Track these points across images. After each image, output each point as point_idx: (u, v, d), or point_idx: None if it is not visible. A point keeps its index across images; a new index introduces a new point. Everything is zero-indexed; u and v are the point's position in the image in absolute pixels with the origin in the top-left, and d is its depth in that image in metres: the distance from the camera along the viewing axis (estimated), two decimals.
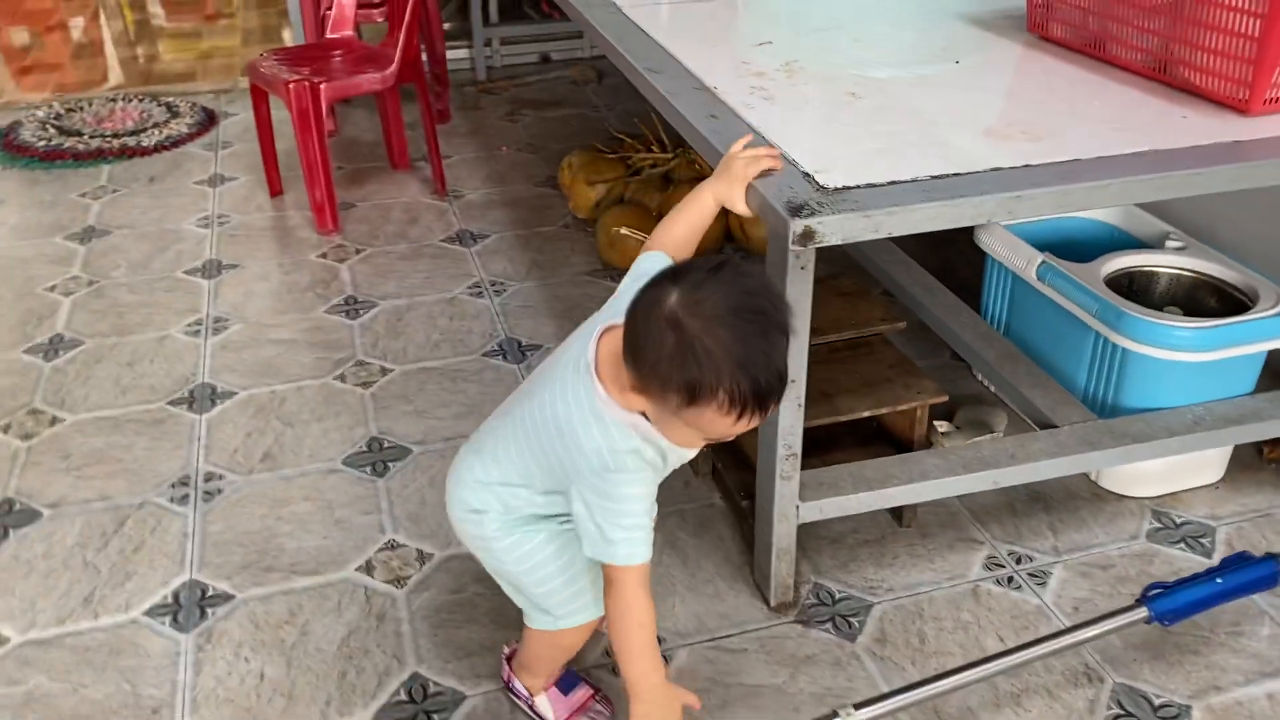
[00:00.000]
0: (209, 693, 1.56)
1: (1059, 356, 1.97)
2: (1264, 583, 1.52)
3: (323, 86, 2.82)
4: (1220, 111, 1.60)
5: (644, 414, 1.18)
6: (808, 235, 1.28)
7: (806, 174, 1.39)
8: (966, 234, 2.06)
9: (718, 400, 1.09)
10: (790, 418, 1.52)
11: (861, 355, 1.91)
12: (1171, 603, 1.48)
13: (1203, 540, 1.83)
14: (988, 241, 2.08)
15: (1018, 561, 1.79)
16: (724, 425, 1.13)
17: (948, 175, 1.39)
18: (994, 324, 2.16)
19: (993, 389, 2.15)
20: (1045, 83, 1.75)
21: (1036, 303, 2.00)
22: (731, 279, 1.09)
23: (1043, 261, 1.94)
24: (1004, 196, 1.34)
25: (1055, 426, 1.79)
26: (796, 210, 1.29)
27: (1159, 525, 1.86)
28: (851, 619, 1.68)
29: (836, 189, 1.35)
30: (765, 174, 1.38)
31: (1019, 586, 1.74)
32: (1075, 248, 2.06)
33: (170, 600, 1.73)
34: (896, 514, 1.87)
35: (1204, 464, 1.93)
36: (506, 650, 1.55)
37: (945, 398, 1.80)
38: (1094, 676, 1.58)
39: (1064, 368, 1.96)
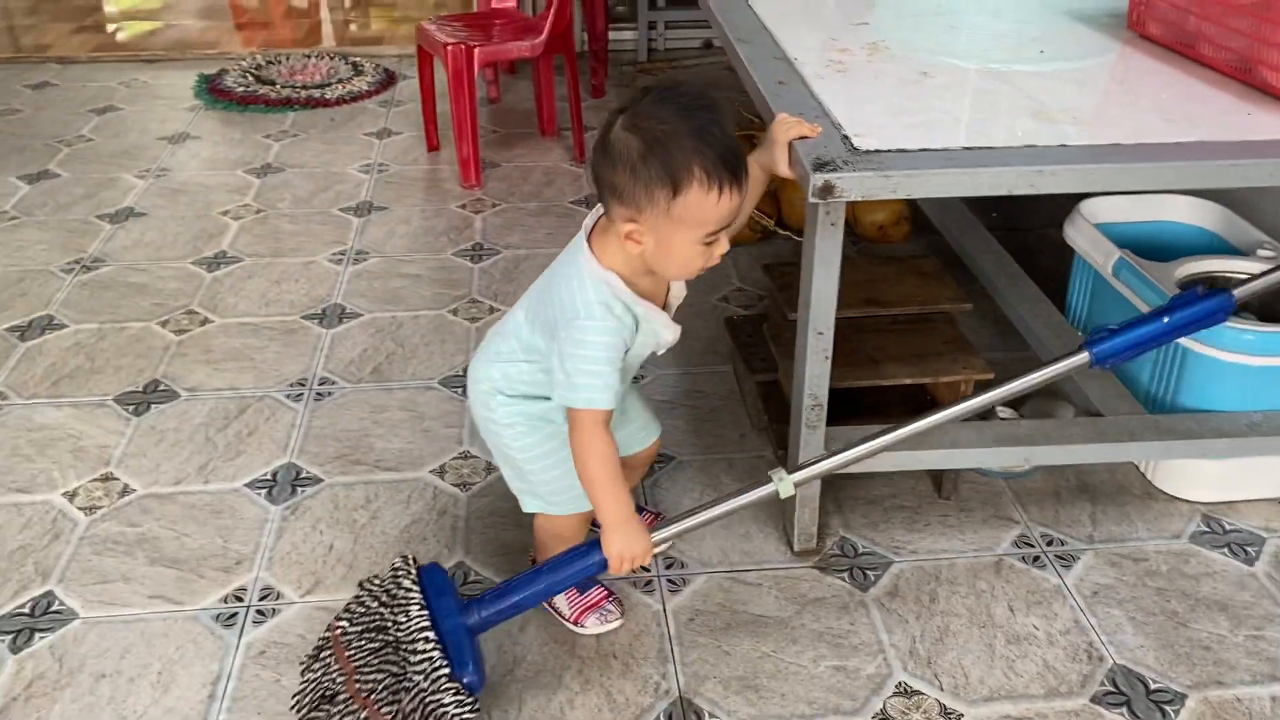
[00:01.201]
0: (284, 555, 1.79)
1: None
2: (1213, 317, 1.49)
3: (476, 50, 3.06)
4: None
5: (636, 265, 1.35)
6: (827, 189, 1.38)
7: (845, 137, 1.49)
8: None
9: (696, 178, 1.25)
10: (816, 368, 1.61)
11: (921, 330, 1.97)
12: (1112, 345, 1.48)
13: (1249, 549, 1.81)
14: (1072, 236, 2.10)
15: (1049, 543, 1.82)
16: (711, 205, 1.27)
17: (978, 148, 1.45)
18: (1075, 320, 2.17)
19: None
20: (1122, 75, 1.77)
21: (1113, 300, 2.01)
22: (662, 91, 1.30)
23: (1119, 257, 1.95)
24: (1025, 170, 1.40)
25: (1101, 416, 1.81)
26: (821, 166, 1.39)
27: (1206, 529, 1.85)
28: (869, 571, 1.76)
29: (867, 151, 1.44)
30: (802, 139, 1.48)
31: (1043, 566, 1.78)
32: (1168, 251, 2.05)
33: (269, 477, 1.97)
34: (937, 484, 1.93)
35: (1271, 475, 1.90)
36: (532, 554, 1.72)
37: (990, 375, 1.85)
38: (1094, 655, 1.61)
39: (1129, 366, 1.96)
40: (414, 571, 1.46)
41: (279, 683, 1.55)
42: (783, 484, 1.47)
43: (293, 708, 1.44)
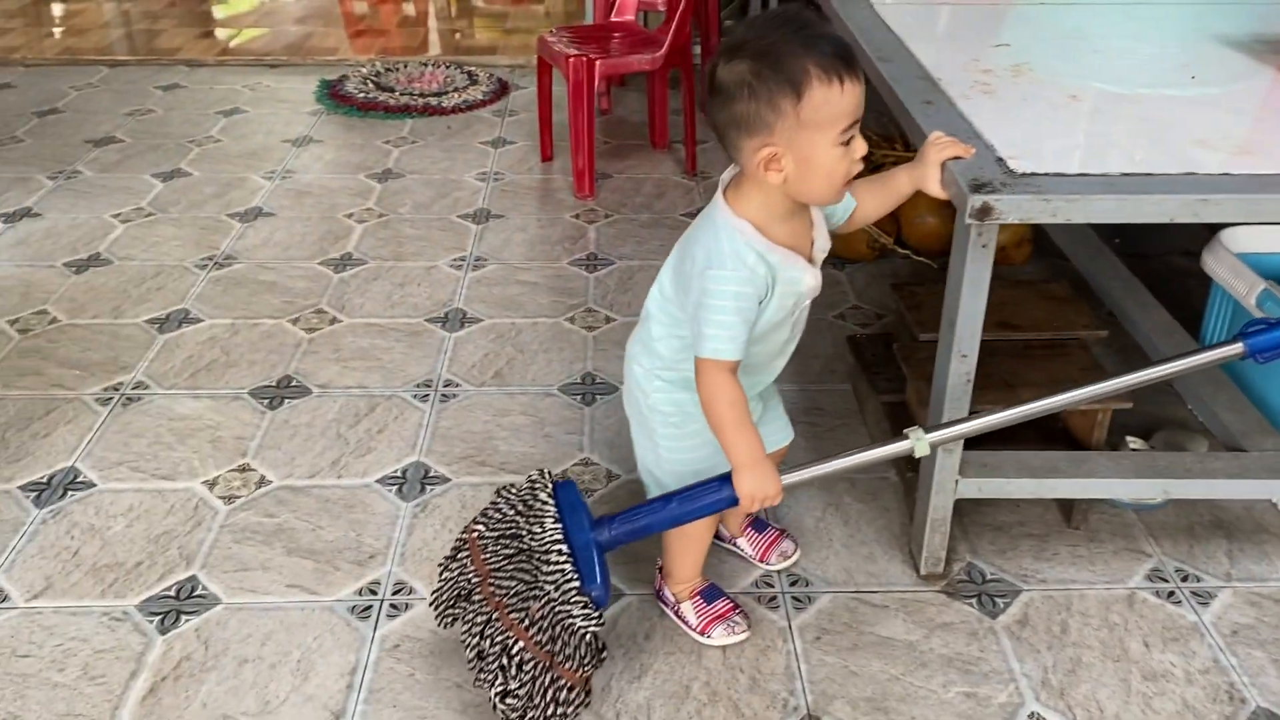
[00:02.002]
0: (415, 550, 1.83)
1: (1270, 389, 1.92)
2: None
3: (598, 62, 3.10)
4: None
5: (757, 223, 1.35)
6: (985, 210, 1.37)
7: (1000, 159, 1.48)
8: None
9: (814, 75, 1.25)
10: (957, 391, 1.60)
11: (1056, 356, 1.94)
12: (1270, 338, 1.43)
13: None
14: (1212, 265, 2.05)
15: (1184, 579, 1.78)
16: (836, 98, 1.27)
17: (1138, 174, 1.43)
18: None
19: (1196, 414, 2.11)
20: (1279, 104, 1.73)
21: None
22: (754, 18, 1.32)
23: (1264, 289, 1.90)
24: (1188, 198, 1.37)
25: (1244, 451, 1.76)
26: (979, 187, 1.39)
27: None
28: (998, 599, 1.74)
29: (1024, 174, 1.43)
30: (955, 159, 1.48)
31: (1179, 602, 1.73)
32: None
33: (399, 474, 2.02)
34: (1066, 513, 1.90)
35: None
36: (659, 562, 1.73)
37: (1129, 404, 1.81)
38: (1236, 696, 1.56)
39: (1274, 401, 1.91)
40: (550, 486, 1.50)
41: (413, 676, 1.59)
42: (919, 443, 1.45)
43: (431, 604, 1.52)
